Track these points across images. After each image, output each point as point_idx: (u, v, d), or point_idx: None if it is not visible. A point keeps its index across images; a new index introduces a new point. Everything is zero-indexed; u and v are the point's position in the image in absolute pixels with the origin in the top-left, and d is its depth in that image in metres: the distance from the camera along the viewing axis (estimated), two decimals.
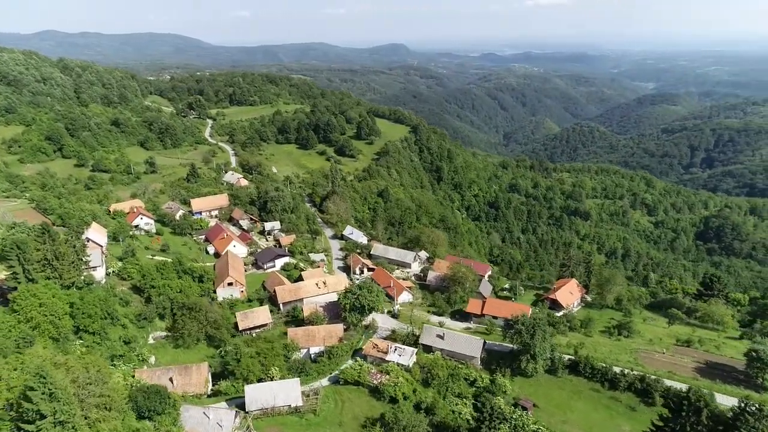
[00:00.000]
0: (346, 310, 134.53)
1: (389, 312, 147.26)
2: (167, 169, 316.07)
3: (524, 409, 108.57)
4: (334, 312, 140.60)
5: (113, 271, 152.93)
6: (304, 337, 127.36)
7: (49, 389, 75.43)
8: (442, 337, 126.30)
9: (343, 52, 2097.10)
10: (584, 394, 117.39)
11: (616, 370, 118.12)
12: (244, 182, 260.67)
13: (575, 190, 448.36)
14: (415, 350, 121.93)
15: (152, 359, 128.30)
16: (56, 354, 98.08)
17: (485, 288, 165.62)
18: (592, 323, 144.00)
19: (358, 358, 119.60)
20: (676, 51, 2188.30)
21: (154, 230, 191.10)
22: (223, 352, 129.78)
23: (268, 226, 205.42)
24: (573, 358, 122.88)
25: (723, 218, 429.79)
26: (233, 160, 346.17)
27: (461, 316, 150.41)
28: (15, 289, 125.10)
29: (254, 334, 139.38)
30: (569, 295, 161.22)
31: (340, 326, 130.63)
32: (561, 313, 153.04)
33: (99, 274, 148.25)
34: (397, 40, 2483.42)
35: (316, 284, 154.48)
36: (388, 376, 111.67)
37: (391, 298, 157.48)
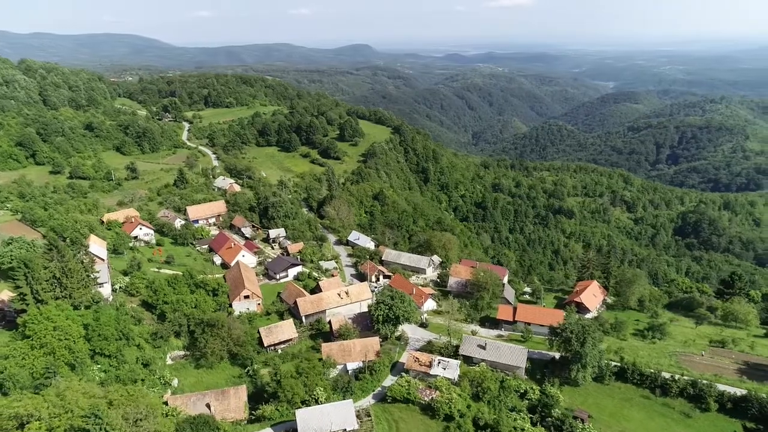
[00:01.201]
0: (379, 321, 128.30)
1: (415, 321, 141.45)
2: (149, 174, 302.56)
3: (581, 420, 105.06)
4: (364, 324, 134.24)
5: (120, 287, 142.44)
6: (339, 352, 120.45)
7: (105, 430, 67.13)
8: (483, 347, 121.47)
9: (308, 52, 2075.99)
10: (635, 401, 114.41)
11: (666, 375, 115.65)
12: (237, 188, 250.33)
13: (557, 188, 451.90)
14: (459, 362, 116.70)
15: (175, 382, 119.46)
16: (93, 385, 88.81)
17: (509, 293, 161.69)
18: (624, 326, 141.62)
19: (404, 374, 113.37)
20: (631, 51, 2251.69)
21: (153, 241, 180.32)
22: (251, 371, 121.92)
23: (273, 233, 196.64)
24: (619, 364, 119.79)
25: (699, 213, 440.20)
26: (216, 164, 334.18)
27: (491, 323, 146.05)
28: (21, 311, 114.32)
29: (279, 350, 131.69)
30: (593, 297, 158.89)
31: (376, 339, 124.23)
32: (589, 316, 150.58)
33: (105, 290, 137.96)
34: (362, 40, 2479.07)
35: (338, 294, 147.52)
36: (438, 392, 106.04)
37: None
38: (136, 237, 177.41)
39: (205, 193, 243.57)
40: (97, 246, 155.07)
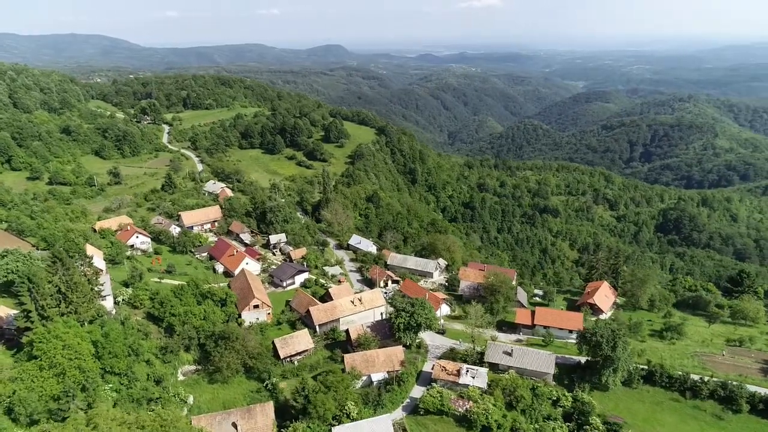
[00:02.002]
0: (400, 329, 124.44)
1: (436, 328, 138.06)
2: (133, 179, 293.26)
3: (616, 426, 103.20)
4: (382, 332, 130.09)
5: (123, 300, 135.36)
6: (362, 362, 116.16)
7: None
8: (510, 354, 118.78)
9: (280, 53, 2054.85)
10: (665, 405, 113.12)
11: (695, 377, 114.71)
12: (228, 192, 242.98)
13: (541, 187, 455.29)
14: (487, 370, 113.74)
15: (190, 399, 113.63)
16: (120, 411, 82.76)
17: (521, 296, 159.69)
18: (640, 327, 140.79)
19: (435, 385, 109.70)
20: (600, 51, 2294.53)
21: (151, 249, 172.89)
22: (269, 385, 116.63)
23: (273, 239, 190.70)
24: (646, 367, 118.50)
25: (680, 210, 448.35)
26: (201, 167, 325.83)
27: (508, 327, 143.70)
28: (25, 330, 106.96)
29: (296, 362, 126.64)
30: (605, 298, 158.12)
31: (400, 348, 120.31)
32: (603, 318, 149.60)
33: (108, 303, 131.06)
34: (334, 40, 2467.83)
35: (352, 302, 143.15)
36: (472, 403, 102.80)
37: None
38: (132, 246, 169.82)
39: (196, 198, 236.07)
40: (94, 256, 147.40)
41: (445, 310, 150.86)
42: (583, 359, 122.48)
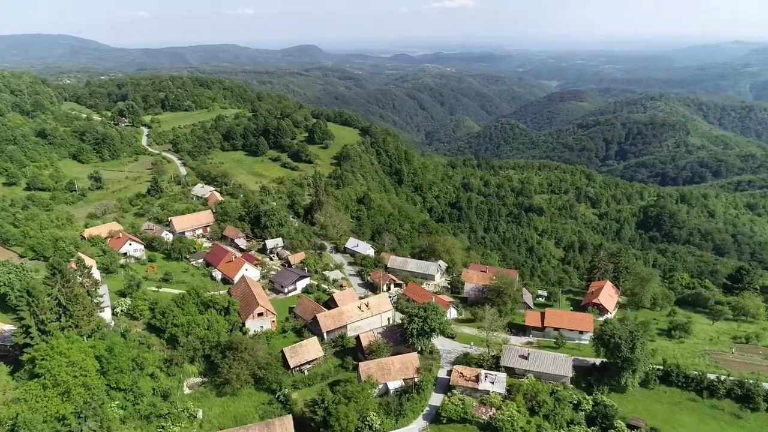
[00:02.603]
0: (414, 335, 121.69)
1: (450, 333, 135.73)
2: (115, 183, 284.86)
3: (638, 429, 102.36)
4: (394, 338, 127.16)
5: (121, 310, 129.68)
6: (378, 370, 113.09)
7: None
8: (526, 358, 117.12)
9: (255, 53, 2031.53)
10: (683, 405, 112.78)
11: (711, 376, 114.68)
12: (218, 196, 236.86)
13: (524, 186, 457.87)
14: (506, 375, 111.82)
15: (200, 414, 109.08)
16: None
17: (527, 297, 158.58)
18: (648, 327, 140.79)
19: (455, 392, 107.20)
20: (572, 51, 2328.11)
21: (144, 257, 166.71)
22: (281, 397, 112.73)
23: (270, 243, 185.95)
24: (661, 367, 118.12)
25: (660, 207, 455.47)
26: (184, 170, 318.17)
27: (517, 329, 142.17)
28: (22, 346, 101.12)
29: (306, 371, 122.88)
30: (609, 298, 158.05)
31: (415, 355, 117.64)
32: (608, 317, 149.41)
33: (106, 315, 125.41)
34: (309, 41, 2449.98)
35: (359, 307, 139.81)
36: (495, 410, 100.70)
37: None
38: (125, 253, 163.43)
39: (184, 203, 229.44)
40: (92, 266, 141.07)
41: (452, 313, 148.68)
42: (597, 361, 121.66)
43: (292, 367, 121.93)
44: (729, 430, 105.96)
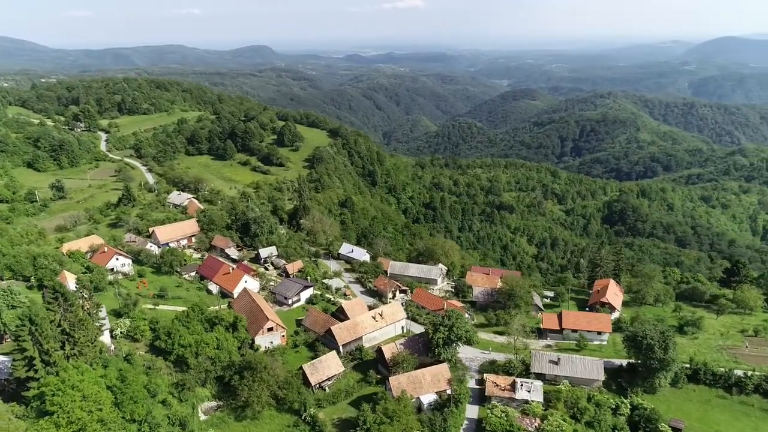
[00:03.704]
0: (440, 345, 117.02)
1: (476, 341, 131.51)
2: (78, 192, 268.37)
3: (678, 430, 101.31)
4: (416, 348, 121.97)
5: (121, 332, 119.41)
6: (409, 384, 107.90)
7: None
8: (557, 363, 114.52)
9: (204, 54, 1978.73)
10: (713, 403, 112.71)
11: (738, 372, 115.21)
12: (197, 203, 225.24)
13: (493, 185, 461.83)
14: (541, 383, 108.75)
15: None
16: None
17: (536, 299, 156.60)
18: (662, 324, 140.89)
19: (495, 403, 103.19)
20: (521, 50, 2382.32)
21: (132, 272, 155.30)
22: (307, 417, 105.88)
23: (264, 252, 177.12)
24: (688, 365, 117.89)
25: (623, 202, 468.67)
26: (150, 177, 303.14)
27: (534, 333, 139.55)
28: (25, 380, 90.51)
29: (327, 388, 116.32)
30: (615, 296, 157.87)
31: (445, 366, 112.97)
32: (616, 316, 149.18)
33: (106, 338, 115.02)
34: (259, 41, 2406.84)
35: (373, 317, 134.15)
36: (539, 420, 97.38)
37: None
38: (111, 269, 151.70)
39: (162, 212, 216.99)
40: (74, 284, 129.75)
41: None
42: (623, 362, 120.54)
43: (313, 384, 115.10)
44: (763, 427, 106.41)
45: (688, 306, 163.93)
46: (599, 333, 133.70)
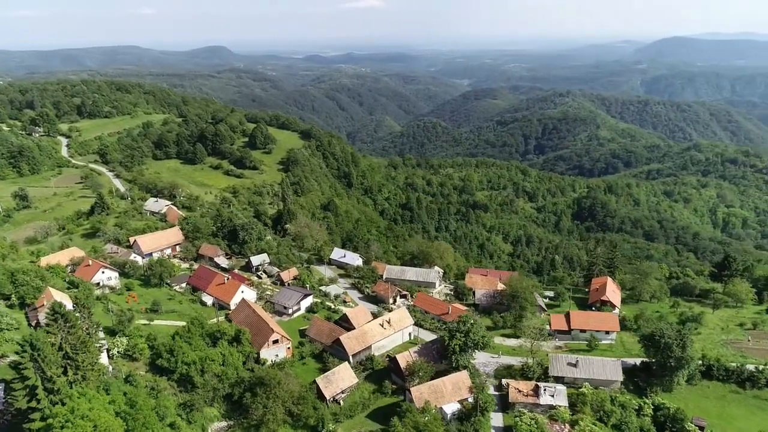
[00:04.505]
0: (456, 351, 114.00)
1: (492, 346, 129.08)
2: (43, 201, 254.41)
3: (702, 429, 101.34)
4: (430, 356, 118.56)
5: (118, 352, 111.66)
6: (430, 394, 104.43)
7: None
8: (575, 365, 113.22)
9: (159, 55, 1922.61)
10: (728, 398, 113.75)
11: (750, 367, 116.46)
12: (176, 210, 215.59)
13: (466, 184, 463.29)
14: (564, 387, 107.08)
15: None
16: None
17: (539, 299, 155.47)
18: (664, 320, 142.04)
19: (523, 410, 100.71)
20: (479, 50, 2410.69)
21: (119, 285, 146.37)
22: None
23: (255, 260, 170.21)
24: (701, 362, 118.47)
25: (592, 198, 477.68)
26: (118, 183, 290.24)
27: (553, 335, 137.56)
28: (27, 411, 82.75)
29: (341, 401, 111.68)
30: (614, 293, 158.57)
31: (465, 374, 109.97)
32: (616, 313, 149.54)
33: (104, 358, 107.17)
34: (216, 42, 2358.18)
35: (381, 325, 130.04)
36: (570, 426, 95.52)
37: None
38: (98, 283, 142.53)
39: (139, 220, 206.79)
40: (63, 302, 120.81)
41: None
42: (636, 361, 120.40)
43: (327, 398, 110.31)
44: None
45: (681, 301, 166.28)
46: (607, 332, 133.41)
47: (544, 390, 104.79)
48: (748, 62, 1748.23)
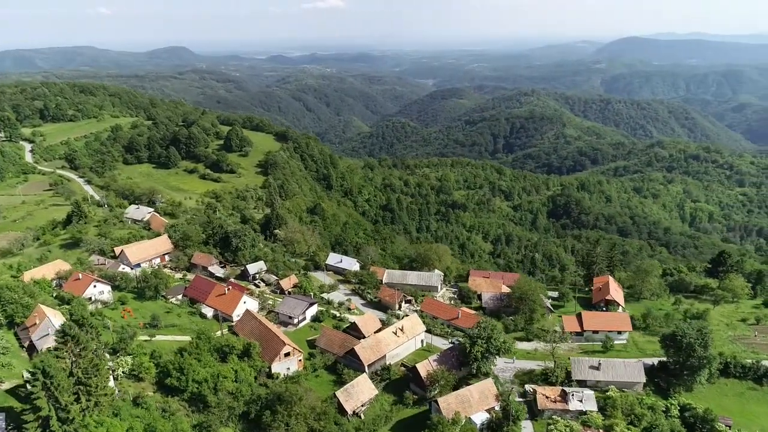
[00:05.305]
0: (478, 358, 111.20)
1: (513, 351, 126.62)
2: (11, 210, 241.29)
3: (728, 427, 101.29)
4: (449, 363, 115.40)
5: (123, 372, 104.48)
6: (458, 404, 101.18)
7: None
8: (597, 368, 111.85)
9: (117, 56, 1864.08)
10: (746, 395, 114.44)
11: (766, 363, 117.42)
12: (160, 218, 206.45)
13: (443, 184, 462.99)
14: (592, 392, 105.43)
15: None
16: None
17: (545, 301, 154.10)
18: (671, 318, 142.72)
19: (556, 417, 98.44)
20: (443, 50, 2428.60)
21: (112, 299, 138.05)
22: None
23: (252, 268, 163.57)
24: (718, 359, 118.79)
25: (567, 196, 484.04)
26: (89, 189, 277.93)
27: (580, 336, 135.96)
28: None
29: (362, 415, 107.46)
30: (617, 292, 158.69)
31: (490, 381, 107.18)
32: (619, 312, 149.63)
33: (110, 380, 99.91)
34: (176, 42, 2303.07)
35: (394, 332, 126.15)
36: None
37: (464, 331, 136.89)
38: (89, 298, 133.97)
39: (121, 228, 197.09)
40: (56, 319, 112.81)
41: None
42: (653, 360, 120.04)
43: (348, 412, 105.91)
44: None
45: (680, 297, 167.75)
46: (619, 332, 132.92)
47: (572, 395, 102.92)
48: (699, 62, 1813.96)
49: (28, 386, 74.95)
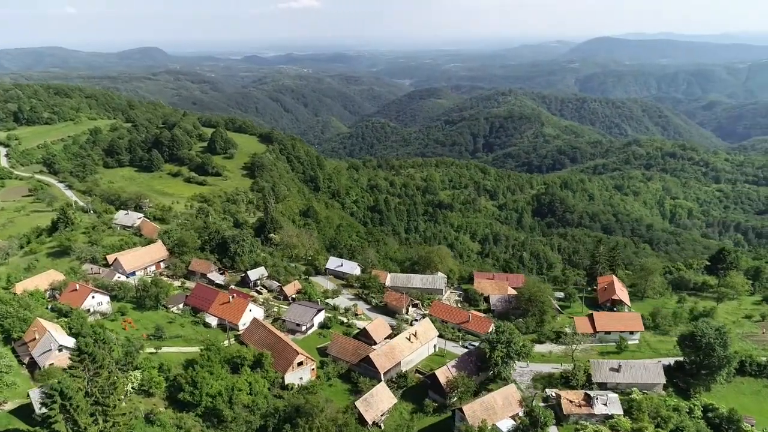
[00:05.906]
0: (499, 363, 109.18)
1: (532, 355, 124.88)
2: None
3: (751, 426, 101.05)
4: (467, 368, 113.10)
5: (133, 388, 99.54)
6: (483, 411, 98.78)
7: None
8: (617, 370, 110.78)
9: (88, 57, 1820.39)
10: (763, 393, 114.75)
11: None
12: (151, 224, 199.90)
13: (428, 184, 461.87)
14: (616, 395, 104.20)
15: None
16: None
17: (553, 302, 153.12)
18: (679, 317, 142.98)
19: (586, 424, 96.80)
20: (418, 51, 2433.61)
21: (111, 310, 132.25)
22: None
23: (253, 274, 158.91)
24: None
25: (551, 194, 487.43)
26: (71, 194, 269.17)
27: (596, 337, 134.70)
28: None
29: (382, 425, 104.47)
30: (622, 291, 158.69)
31: (513, 387, 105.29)
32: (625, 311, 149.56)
33: None
34: (147, 42, 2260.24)
35: (408, 338, 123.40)
36: None
37: (475, 335, 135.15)
38: (89, 309, 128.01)
39: (112, 235, 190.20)
40: (57, 333, 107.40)
41: (493, 329, 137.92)
42: (670, 360, 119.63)
43: (368, 422, 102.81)
44: None
45: (684, 296, 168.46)
46: (631, 333, 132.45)
47: (597, 399, 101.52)
48: (670, 61, 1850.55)
49: (44, 409, 70.16)
